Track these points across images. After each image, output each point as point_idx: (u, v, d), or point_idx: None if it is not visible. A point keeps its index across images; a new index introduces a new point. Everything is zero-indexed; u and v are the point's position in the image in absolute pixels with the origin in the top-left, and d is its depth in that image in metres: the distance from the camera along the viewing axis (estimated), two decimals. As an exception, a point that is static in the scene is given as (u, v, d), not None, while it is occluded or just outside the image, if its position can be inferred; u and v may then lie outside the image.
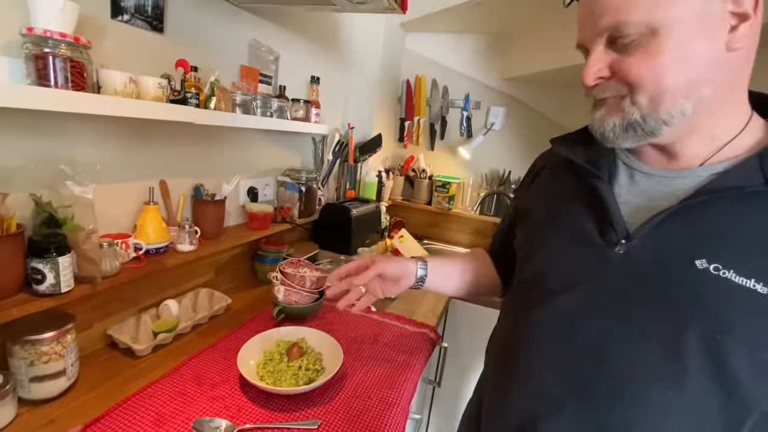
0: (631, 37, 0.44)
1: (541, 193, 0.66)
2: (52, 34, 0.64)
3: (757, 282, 0.42)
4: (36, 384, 0.69)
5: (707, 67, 0.44)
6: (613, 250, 0.51)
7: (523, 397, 0.56)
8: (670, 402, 0.46)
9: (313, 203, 1.54)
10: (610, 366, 0.49)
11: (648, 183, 0.52)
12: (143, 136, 0.94)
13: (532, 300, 0.58)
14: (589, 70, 0.47)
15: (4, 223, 0.65)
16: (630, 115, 0.47)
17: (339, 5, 1.03)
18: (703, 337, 0.44)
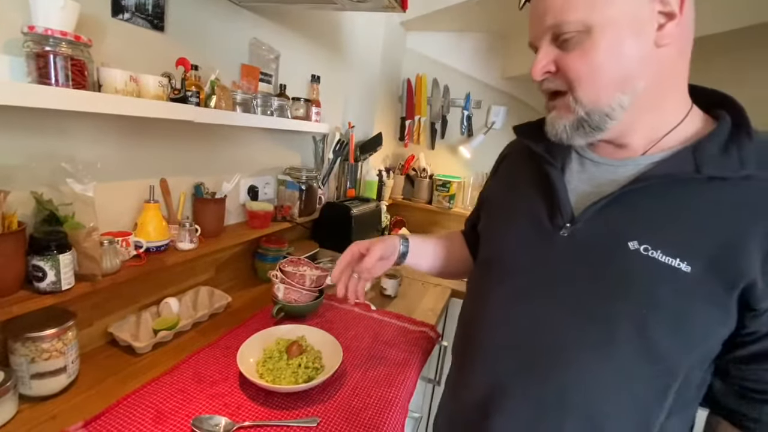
0: (570, 35, 0.48)
1: (503, 178, 0.71)
2: (53, 33, 0.65)
3: (681, 261, 0.46)
4: (37, 381, 0.70)
5: (638, 63, 0.47)
6: (559, 233, 0.55)
7: (481, 374, 0.60)
8: (602, 372, 0.50)
9: (313, 202, 1.54)
10: (550, 340, 0.54)
11: (596, 171, 0.57)
12: (144, 135, 0.94)
13: (488, 281, 0.63)
14: (537, 65, 0.52)
15: (6, 221, 0.66)
16: (576, 114, 0.51)
17: (339, 4, 1.03)
18: (631, 313, 0.49)
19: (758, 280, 0.45)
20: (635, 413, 0.51)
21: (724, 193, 0.47)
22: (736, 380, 0.52)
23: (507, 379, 0.57)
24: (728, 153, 0.48)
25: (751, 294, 0.46)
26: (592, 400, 0.51)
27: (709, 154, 0.48)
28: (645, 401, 0.50)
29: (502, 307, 0.59)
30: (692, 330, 0.48)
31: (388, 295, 1.35)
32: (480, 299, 0.64)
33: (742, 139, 0.48)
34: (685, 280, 0.46)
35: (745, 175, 0.46)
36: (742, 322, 0.48)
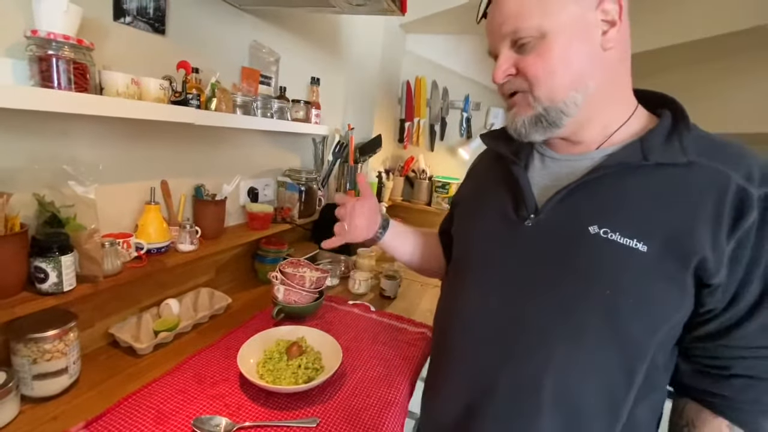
0: (526, 40, 0.52)
1: (472, 182, 0.77)
2: (55, 37, 0.65)
3: (638, 241, 0.50)
4: (39, 381, 0.70)
5: (588, 64, 0.53)
6: (524, 224, 0.59)
7: (457, 371, 0.63)
8: (572, 356, 0.53)
9: (313, 203, 1.55)
10: (519, 327, 0.57)
11: (555, 166, 0.61)
12: (145, 137, 0.95)
13: (460, 275, 0.67)
14: (499, 69, 0.56)
15: (8, 223, 0.66)
16: (535, 110, 0.55)
17: (338, 7, 1.04)
18: (596, 294, 0.52)
19: (709, 255, 0.48)
20: (606, 397, 0.53)
21: (672, 178, 0.52)
22: (698, 359, 0.55)
23: (483, 372, 0.59)
24: (671, 143, 0.53)
25: (704, 270, 0.49)
26: (566, 386, 0.54)
27: (654, 144, 0.53)
28: (614, 385, 0.53)
29: (475, 300, 0.62)
30: (654, 308, 0.51)
31: (388, 297, 1.35)
32: (453, 296, 0.68)
33: (681, 131, 0.53)
34: (643, 259, 0.50)
35: (688, 162, 0.51)
36: (699, 300, 0.52)
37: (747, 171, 0.50)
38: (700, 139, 0.53)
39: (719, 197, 0.49)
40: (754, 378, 0.52)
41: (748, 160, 0.51)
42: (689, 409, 0.57)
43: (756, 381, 0.52)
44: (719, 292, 0.50)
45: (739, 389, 0.52)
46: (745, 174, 0.50)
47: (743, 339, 0.51)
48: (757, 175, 0.50)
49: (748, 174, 0.50)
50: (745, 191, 0.49)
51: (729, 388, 0.53)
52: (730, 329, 0.52)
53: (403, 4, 1.01)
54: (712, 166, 0.51)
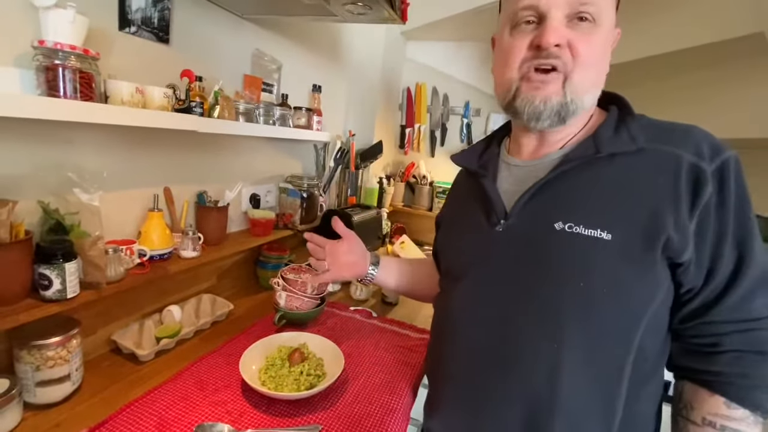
0: (586, 17, 0.53)
1: (451, 202, 0.80)
2: (62, 47, 0.66)
3: (602, 231, 0.52)
4: (41, 388, 0.70)
5: (607, 65, 0.56)
6: (495, 229, 0.61)
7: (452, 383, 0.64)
8: (560, 354, 0.53)
9: (314, 209, 1.55)
10: (504, 330, 0.57)
11: (520, 172, 0.64)
12: (149, 144, 0.96)
13: (445, 291, 0.69)
14: (555, 30, 0.53)
15: (13, 230, 0.67)
16: (564, 97, 0.55)
17: (340, 16, 1.05)
18: (570, 288, 0.53)
19: (673, 234, 0.50)
20: (599, 391, 0.54)
21: (626, 166, 0.54)
22: (687, 339, 0.57)
23: (474, 381, 0.60)
24: (619, 133, 0.55)
25: (672, 249, 0.50)
26: (558, 384, 0.53)
27: (604, 136, 0.56)
28: (605, 378, 0.53)
29: (461, 311, 0.64)
30: (628, 294, 0.52)
31: (389, 303, 1.35)
32: (441, 309, 0.70)
33: (627, 121, 0.57)
34: (608, 247, 0.51)
35: (638, 149, 0.53)
36: (676, 280, 0.53)
37: (696, 148, 0.52)
38: (647, 126, 0.56)
39: (674, 177, 0.51)
40: (742, 351, 0.52)
41: (696, 138, 0.53)
42: (686, 391, 0.58)
43: (744, 354, 0.52)
44: (692, 269, 0.52)
45: (729, 364, 0.53)
46: (694, 151, 0.52)
47: (725, 313, 0.53)
48: (706, 150, 0.51)
49: (697, 151, 0.52)
50: (698, 167, 0.51)
51: (720, 364, 0.54)
52: (711, 305, 0.53)
53: (403, 13, 1.03)
54: (662, 149, 0.53)
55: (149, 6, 0.89)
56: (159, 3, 0.91)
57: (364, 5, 0.96)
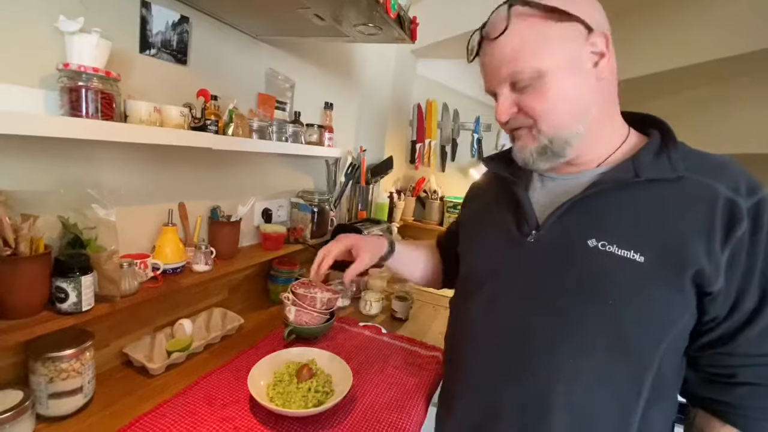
0: (524, 81, 0.55)
1: (476, 202, 0.79)
2: (85, 69, 0.70)
3: (635, 252, 0.52)
4: (54, 401, 0.71)
5: (586, 96, 0.55)
6: (526, 240, 0.61)
7: (469, 387, 0.64)
8: (581, 369, 0.54)
9: (325, 224, 1.56)
10: (528, 342, 0.57)
11: (554, 185, 0.64)
12: (165, 161, 0.99)
13: (466, 293, 0.69)
14: (501, 108, 0.58)
15: (33, 244, 0.69)
16: (540, 142, 0.58)
17: (351, 36, 1.08)
18: (599, 305, 0.53)
19: (705, 265, 0.50)
20: (615, 407, 0.54)
21: (663, 193, 0.54)
22: (703, 368, 0.57)
23: (493, 389, 0.60)
24: (660, 160, 0.56)
25: (702, 278, 0.51)
26: (575, 398, 0.54)
27: (644, 161, 0.56)
28: (623, 395, 0.54)
29: (482, 318, 0.63)
30: (655, 315, 0.52)
31: (399, 318, 1.34)
32: (461, 315, 0.69)
33: (670, 148, 0.56)
34: (640, 269, 0.52)
35: (677, 177, 0.54)
36: (702, 308, 0.54)
37: (734, 183, 0.52)
38: (687, 155, 0.56)
39: (709, 209, 0.52)
40: (758, 385, 0.53)
41: (733, 173, 0.54)
42: (700, 418, 0.59)
43: (760, 387, 0.53)
44: (720, 300, 0.52)
45: (744, 397, 0.54)
46: (732, 186, 0.52)
47: (745, 346, 0.53)
48: (743, 186, 0.52)
49: (735, 186, 0.52)
50: (734, 202, 0.51)
51: (735, 395, 0.55)
52: (732, 336, 0.54)
53: (413, 33, 1.05)
54: (700, 180, 0.53)
55: (169, 29, 0.93)
56: (178, 26, 0.95)
57: (375, 26, 0.98)
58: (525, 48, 0.54)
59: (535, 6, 0.53)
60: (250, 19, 1.09)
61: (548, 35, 0.53)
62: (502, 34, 0.55)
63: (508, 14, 0.54)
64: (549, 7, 0.53)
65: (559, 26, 0.53)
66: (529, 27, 0.54)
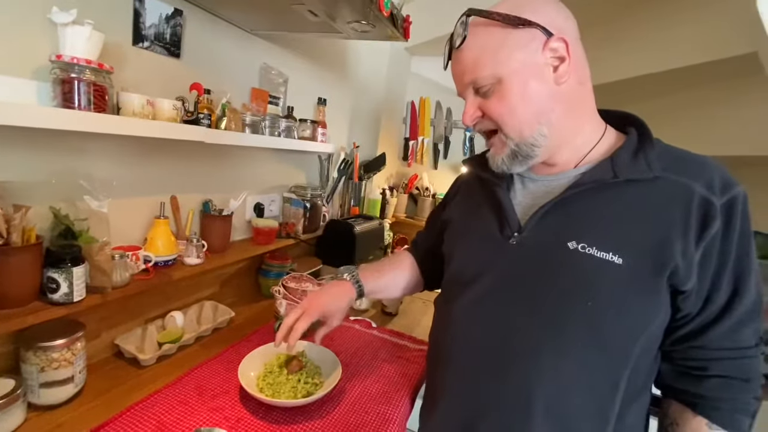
0: (486, 87, 0.58)
1: (459, 204, 0.79)
2: (78, 61, 0.70)
3: (614, 255, 0.54)
4: (45, 390, 0.72)
5: (545, 99, 0.57)
6: (509, 242, 0.62)
7: (452, 387, 0.65)
8: (562, 368, 0.55)
9: (317, 219, 1.57)
10: (508, 341, 0.59)
11: (534, 186, 0.66)
12: (157, 154, 0.99)
13: (452, 294, 0.69)
14: (466, 114, 0.61)
15: (25, 234, 0.69)
16: (509, 147, 0.60)
17: (344, 33, 1.09)
18: (578, 306, 0.55)
19: (680, 264, 0.52)
20: (594, 404, 0.56)
21: (641, 193, 0.56)
22: (677, 361, 0.60)
23: (476, 389, 0.61)
24: (637, 160, 0.57)
25: (677, 277, 0.53)
26: (556, 397, 0.56)
27: (622, 161, 0.57)
28: (602, 392, 0.56)
29: (466, 318, 0.65)
30: (634, 316, 0.54)
31: (389, 313, 1.36)
32: (445, 315, 0.70)
33: (646, 148, 0.58)
34: (619, 271, 0.53)
35: (654, 177, 0.55)
36: (675, 305, 0.56)
37: (708, 181, 0.54)
38: (663, 153, 0.58)
39: (685, 208, 0.53)
40: (728, 377, 0.56)
41: (709, 171, 0.55)
42: (673, 409, 0.61)
43: (730, 380, 0.56)
44: (692, 297, 0.55)
45: (715, 388, 0.56)
46: (706, 184, 0.54)
47: (716, 340, 0.56)
48: (718, 184, 0.54)
49: (709, 184, 0.54)
50: (708, 201, 0.53)
51: (706, 387, 0.57)
52: (703, 331, 0.56)
53: (405, 32, 1.06)
54: (676, 180, 0.55)
55: (162, 22, 0.93)
56: (172, 19, 0.95)
57: (368, 23, 0.99)
58: (483, 55, 0.56)
59: (491, 15, 0.56)
60: (244, 14, 1.09)
61: (505, 42, 0.55)
62: (462, 43, 0.58)
63: (466, 24, 0.57)
64: (505, 15, 0.55)
65: (517, 32, 0.55)
66: (487, 35, 0.56)
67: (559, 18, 0.57)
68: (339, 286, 0.82)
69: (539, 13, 0.55)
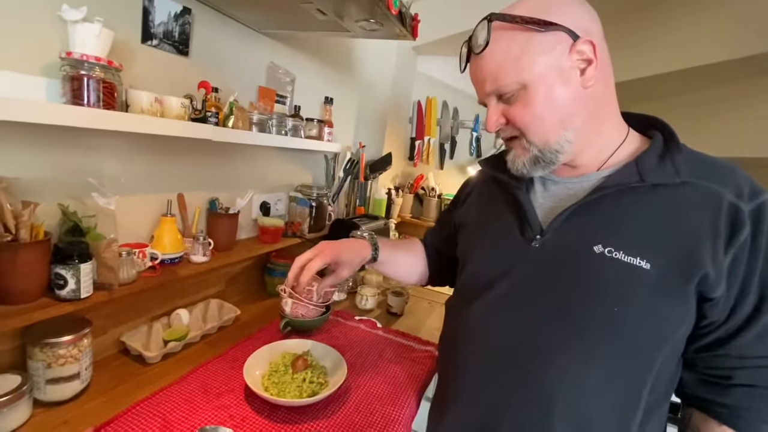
0: (509, 94, 0.56)
1: (475, 205, 0.77)
2: (88, 58, 0.70)
3: (641, 259, 0.52)
4: (51, 386, 0.72)
5: (572, 104, 0.55)
6: (531, 245, 0.61)
7: (464, 382, 0.64)
8: (584, 374, 0.54)
9: (323, 218, 1.57)
10: (530, 347, 0.57)
11: (556, 188, 0.64)
12: (165, 152, 0.99)
13: (469, 297, 0.67)
14: (489, 120, 0.59)
15: (33, 231, 0.70)
16: (531, 152, 0.58)
17: (352, 32, 1.08)
18: (603, 311, 0.53)
19: (710, 271, 0.51)
20: (616, 412, 0.54)
21: (668, 198, 0.54)
22: (701, 369, 0.58)
23: (494, 393, 0.60)
24: (664, 164, 0.55)
25: (706, 285, 0.51)
26: (577, 403, 0.54)
27: (648, 165, 0.55)
28: (624, 399, 0.54)
29: (485, 321, 0.63)
30: (660, 324, 0.53)
31: (395, 313, 1.35)
32: (462, 318, 0.68)
33: (673, 152, 0.56)
34: (646, 277, 0.52)
35: (681, 182, 0.54)
36: (702, 313, 0.54)
37: (737, 188, 0.53)
38: (690, 159, 0.56)
39: (714, 215, 0.52)
40: (754, 387, 0.54)
41: (737, 178, 0.54)
42: (695, 418, 0.59)
43: (756, 389, 0.54)
44: (720, 305, 0.53)
45: (740, 398, 0.55)
46: (735, 191, 0.53)
47: (742, 348, 0.54)
48: (746, 191, 0.53)
49: (738, 191, 0.53)
50: (737, 207, 0.52)
51: (731, 397, 0.55)
52: (729, 339, 0.54)
53: (414, 30, 1.05)
54: (705, 185, 0.53)
55: (171, 20, 0.93)
56: (180, 17, 0.95)
57: (376, 22, 0.99)
58: (506, 62, 0.54)
59: (514, 19, 0.53)
60: (252, 13, 1.09)
61: (530, 47, 0.53)
62: (484, 49, 0.55)
63: (488, 29, 0.54)
64: (529, 19, 0.52)
65: (541, 36, 0.53)
66: (510, 40, 0.54)
67: (585, 18, 0.54)
68: (356, 242, 0.82)
69: (565, 15, 0.53)
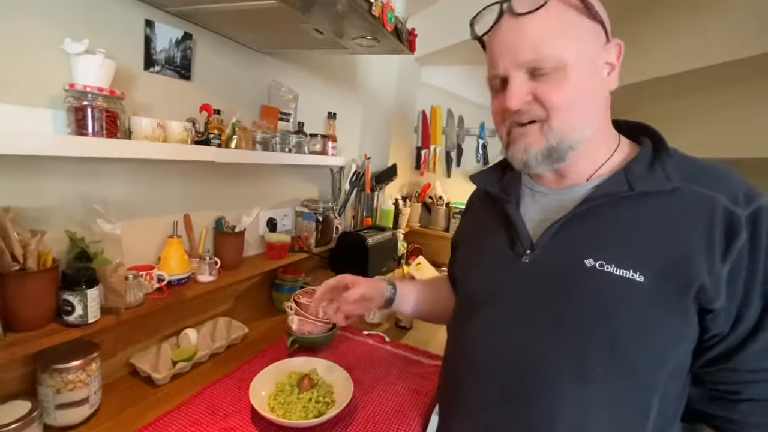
0: (546, 70, 0.51)
1: (471, 221, 0.77)
2: (90, 89, 0.72)
3: (634, 272, 0.50)
4: (61, 411, 0.73)
5: (598, 100, 0.55)
6: (521, 260, 0.59)
7: (468, 412, 0.62)
8: (585, 391, 0.52)
9: (329, 232, 1.57)
10: (525, 364, 0.55)
11: (545, 200, 0.62)
12: (169, 175, 1.01)
13: (465, 316, 0.66)
14: (514, 95, 0.53)
15: (41, 259, 0.71)
16: (548, 141, 0.54)
17: (350, 49, 1.09)
18: (600, 328, 0.51)
19: (707, 281, 0.48)
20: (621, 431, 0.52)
21: (660, 206, 0.52)
22: (707, 384, 0.56)
23: (495, 414, 0.58)
24: (654, 171, 0.53)
25: (704, 296, 0.49)
26: (581, 425, 0.52)
27: (638, 173, 0.54)
28: (629, 419, 0.52)
29: (481, 341, 0.62)
30: (659, 337, 0.50)
31: (403, 327, 1.34)
32: (460, 337, 0.67)
33: (663, 158, 0.54)
34: (641, 290, 0.50)
35: (673, 188, 0.52)
36: (704, 325, 0.52)
37: (732, 192, 0.51)
38: (682, 163, 0.54)
39: (709, 221, 0.50)
40: (761, 401, 0.52)
41: (731, 181, 0.52)
42: None
43: (764, 403, 0.52)
44: (722, 316, 0.51)
45: (749, 413, 0.53)
46: (730, 195, 0.50)
47: (748, 361, 0.52)
48: (742, 195, 0.50)
49: (733, 195, 0.50)
50: (733, 213, 0.49)
51: (740, 412, 0.54)
52: (734, 352, 0.52)
53: (411, 44, 1.06)
54: (698, 191, 0.51)
55: (173, 46, 0.96)
56: (182, 43, 0.98)
57: (373, 39, 0.99)
58: (554, 32, 0.50)
59: None
60: (252, 34, 1.11)
61: (580, 28, 0.51)
62: (537, 10, 0.50)
63: None
64: (586, 1, 0.51)
65: (589, 23, 0.51)
66: (563, 13, 0.51)
67: (609, 24, 0.54)
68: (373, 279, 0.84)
69: (602, 12, 0.52)
